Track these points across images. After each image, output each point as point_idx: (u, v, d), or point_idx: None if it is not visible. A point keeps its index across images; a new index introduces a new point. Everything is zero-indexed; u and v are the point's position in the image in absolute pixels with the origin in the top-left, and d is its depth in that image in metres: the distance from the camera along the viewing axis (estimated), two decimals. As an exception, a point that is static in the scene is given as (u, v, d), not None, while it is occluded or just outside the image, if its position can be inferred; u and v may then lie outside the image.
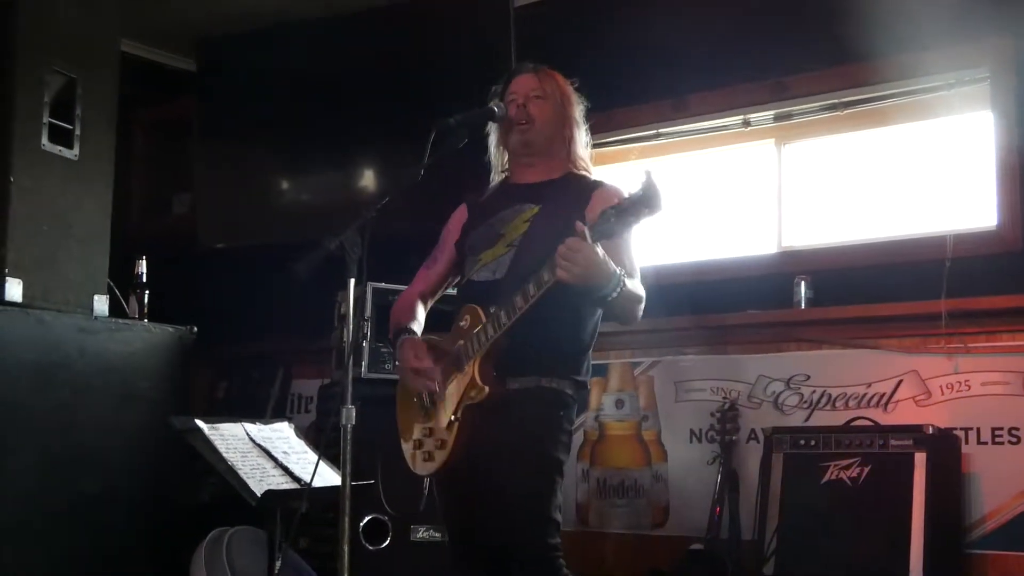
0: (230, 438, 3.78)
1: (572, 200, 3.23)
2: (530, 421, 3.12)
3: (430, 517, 4.36)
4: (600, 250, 2.90)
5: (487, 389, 3.07)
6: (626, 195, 2.83)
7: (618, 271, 2.96)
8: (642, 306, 3.16)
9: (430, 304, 3.50)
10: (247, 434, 3.88)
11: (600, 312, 3.25)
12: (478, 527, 3.20)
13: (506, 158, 3.44)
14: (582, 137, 3.42)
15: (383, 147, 5.43)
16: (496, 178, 3.48)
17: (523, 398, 3.13)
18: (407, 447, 3.32)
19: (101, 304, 4.51)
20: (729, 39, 5.00)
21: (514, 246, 3.22)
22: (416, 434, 3.27)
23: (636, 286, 3.11)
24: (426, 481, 3.34)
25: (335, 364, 4.87)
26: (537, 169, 3.37)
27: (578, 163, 3.39)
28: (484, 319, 3.11)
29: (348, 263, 2.92)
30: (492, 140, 3.45)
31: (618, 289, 2.96)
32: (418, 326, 3.38)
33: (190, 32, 6.00)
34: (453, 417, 3.13)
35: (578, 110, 3.42)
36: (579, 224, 2.87)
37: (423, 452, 3.24)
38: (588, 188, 3.29)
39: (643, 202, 2.77)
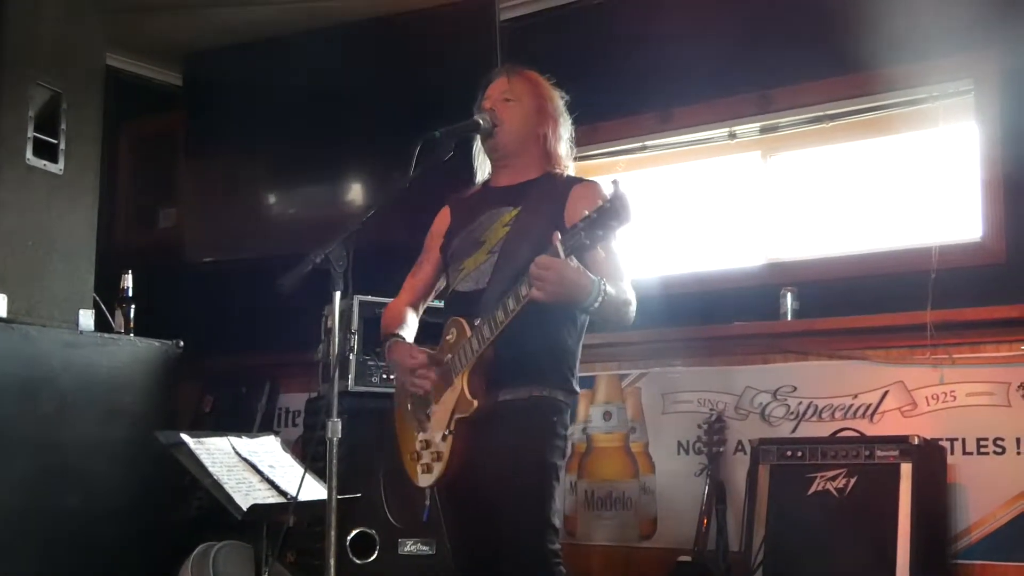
0: (216, 452, 3.77)
1: (550, 200, 3.22)
2: (524, 428, 3.12)
3: (427, 529, 4.36)
4: (574, 262, 2.89)
5: (475, 403, 3.07)
6: (599, 203, 2.83)
7: (597, 280, 2.95)
8: (631, 308, 3.13)
9: (420, 311, 3.50)
10: (233, 448, 3.87)
11: (586, 317, 3.24)
12: (478, 536, 3.20)
13: (488, 163, 3.45)
14: (562, 133, 3.40)
15: (370, 161, 5.43)
16: (480, 180, 3.48)
17: (516, 408, 3.13)
18: (405, 459, 3.33)
19: (87, 319, 4.50)
20: (714, 52, 5.01)
21: (495, 252, 3.22)
22: (413, 447, 3.28)
23: (622, 291, 3.09)
24: (427, 493, 3.33)
25: (322, 377, 4.86)
26: (513, 170, 3.36)
27: (556, 161, 3.37)
28: (469, 333, 3.11)
29: (334, 276, 2.92)
30: (475, 145, 3.44)
31: (599, 299, 2.95)
32: (408, 331, 3.37)
33: (176, 46, 6.00)
34: (447, 431, 3.13)
35: (556, 106, 3.40)
36: (555, 235, 2.86)
37: (421, 464, 3.24)
38: (566, 187, 3.28)
39: (612, 214, 2.77)
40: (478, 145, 3.42)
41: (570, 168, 3.42)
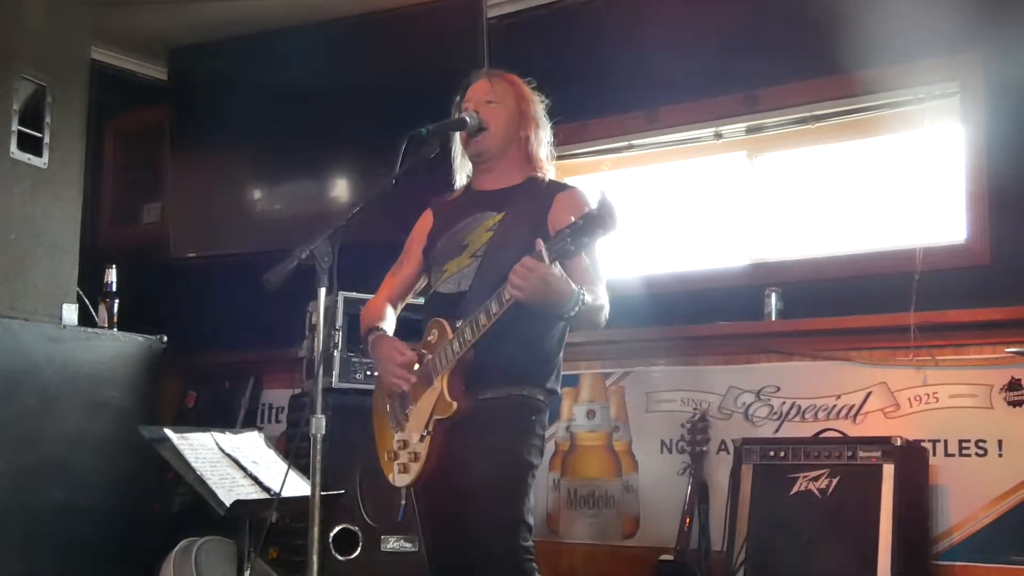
0: (199, 448, 3.76)
1: (533, 207, 3.24)
2: (502, 425, 3.13)
3: (405, 527, 4.36)
4: (558, 269, 2.90)
5: (455, 405, 3.08)
6: (584, 210, 2.84)
7: (577, 289, 2.96)
8: (604, 314, 3.15)
9: (399, 309, 3.50)
10: (216, 444, 3.87)
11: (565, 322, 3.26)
12: (452, 535, 3.20)
13: (469, 164, 3.45)
14: (543, 136, 3.41)
15: (356, 157, 5.43)
16: (460, 183, 3.48)
17: (495, 406, 3.14)
18: (383, 459, 3.33)
19: (70, 313, 4.48)
20: (701, 52, 5.02)
21: (478, 256, 3.23)
22: (391, 446, 3.28)
23: (597, 297, 3.10)
24: (403, 492, 3.34)
25: (306, 374, 4.85)
26: (496, 174, 3.37)
27: (538, 164, 3.38)
28: (450, 334, 3.11)
29: (319, 272, 2.91)
30: (455, 147, 3.44)
31: (577, 307, 2.96)
32: (389, 326, 3.38)
33: (162, 41, 5.98)
34: (425, 432, 3.14)
35: (537, 109, 3.41)
36: (539, 242, 2.87)
37: (398, 464, 3.25)
38: (550, 192, 3.29)
39: (598, 221, 2.78)
40: (458, 147, 3.43)
41: (551, 172, 3.44)
